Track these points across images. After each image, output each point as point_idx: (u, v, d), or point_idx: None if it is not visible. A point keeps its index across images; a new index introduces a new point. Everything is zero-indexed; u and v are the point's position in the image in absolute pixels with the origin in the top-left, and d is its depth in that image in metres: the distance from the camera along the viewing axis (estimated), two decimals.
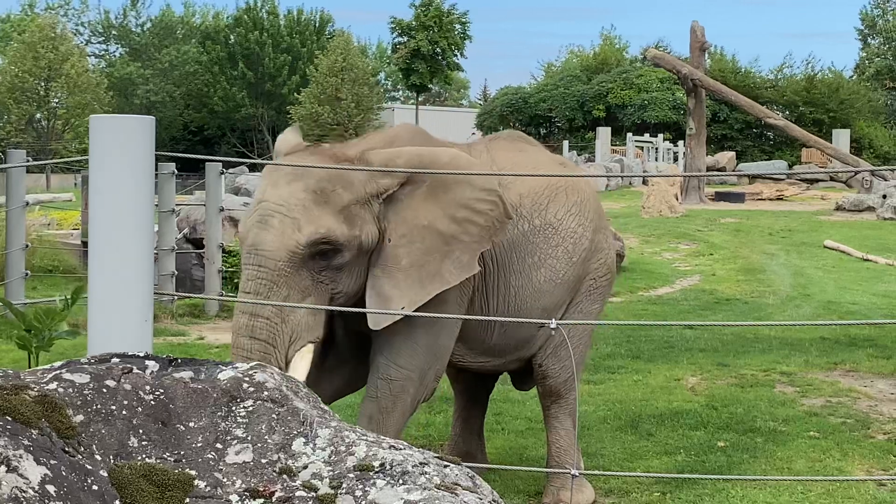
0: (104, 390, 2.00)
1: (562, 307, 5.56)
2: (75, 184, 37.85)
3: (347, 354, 5.18)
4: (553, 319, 4.80)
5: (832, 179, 37.73)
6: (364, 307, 4.69)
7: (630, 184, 36.36)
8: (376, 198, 4.66)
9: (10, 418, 1.84)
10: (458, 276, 4.80)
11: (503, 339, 5.40)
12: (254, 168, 28.43)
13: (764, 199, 32.60)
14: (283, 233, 4.46)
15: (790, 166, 45.97)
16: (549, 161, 5.80)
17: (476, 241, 4.83)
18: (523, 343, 5.53)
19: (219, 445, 1.98)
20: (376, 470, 1.96)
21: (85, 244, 13.49)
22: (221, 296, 11.48)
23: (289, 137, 5.04)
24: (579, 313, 5.71)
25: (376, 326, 4.71)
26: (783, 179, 37.78)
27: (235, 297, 4.79)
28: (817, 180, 37.74)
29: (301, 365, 4.47)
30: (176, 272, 11.77)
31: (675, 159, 45.81)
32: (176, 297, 11.55)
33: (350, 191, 4.58)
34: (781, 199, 33.06)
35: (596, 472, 5.98)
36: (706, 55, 34.94)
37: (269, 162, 5.03)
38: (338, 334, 5.21)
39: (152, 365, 2.10)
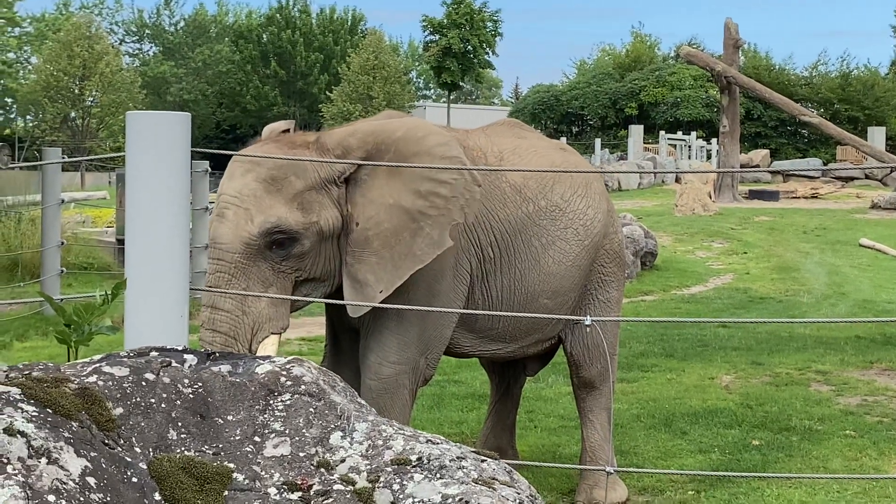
0: (143, 383, 2.00)
1: (574, 290, 5.47)
2: (109, 182, 38.10)
3: (348, 356, 5.14)
4: (588, 316, 4.79)
5: (867, 177, 37.43)
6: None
7: (663, 182, 36.22)
8: (334, 181, 4.55)
9: (50, 410, 1.85)
10: (430, 253, 4.61)
11: (512, 323, 5.29)
12: None
13: (798, 198, 32.38)
14: (237, 224, 4.39)
15: (825, 164, 45.66)
16: (548, 146, 5.68)
17: (444, 214, 4.63)
18: (535, 326, 5.42)
19: (257, 439, 1.98)
20: (413, 464, 1.96)
21: (119, 241, 13.57)
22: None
23: (274, 127, 4.97)
24: (597, 301, 5.64)
25: (355, 314, 4.64)
26: (818, 177, 37.54)
27: (267, 293, 4.76)
28: (852, 178, 37.47)
29: None
30: None
31: (709, 157, 45.58)
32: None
33: (303, 178, 4.47)
34: (816, 197, 32.83)
35: (630, 469, 5.96)
36: (740, 52, 34.75)
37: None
38: (340, 337, 5.17)
39: (190, 359, 2.11)
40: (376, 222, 4.58)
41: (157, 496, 1.84)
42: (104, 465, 1.82)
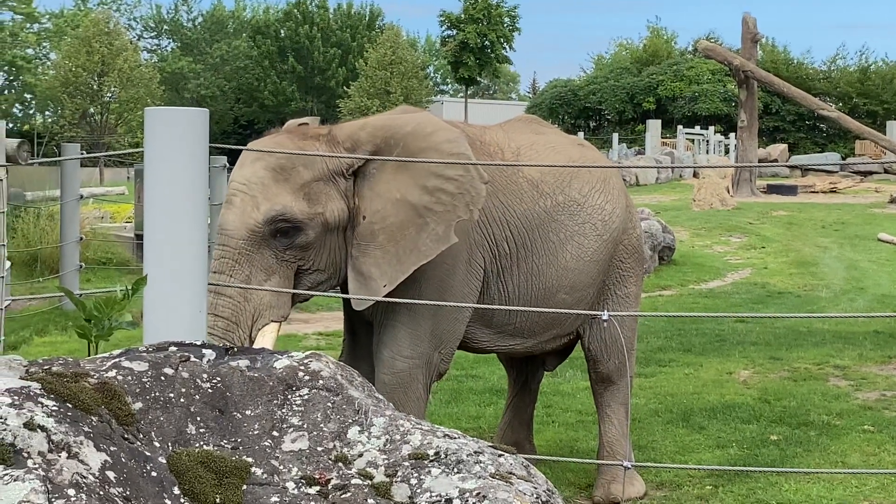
0: (162, 378, 2.02)
1: (592, 286, 5.46)
2: (128, 177, 38.23)
3: (365, 351, 5.16)
4: (605, 311, 4.79)
5: (886, 171, 37.25)
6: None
7: (681, 176, 36.13)
8: (342, 174, 4.60)
9: (70, 405, 1.86)
10: (435, 249, 4.63)
11: (530, 318, 5.28)
12: None
13: (817, 192, 32.24)
14: (243, 211, 4.46)
15: (843, 158, 45.46)
16: (566, 142, 5.68)
17: (450, 211, 4.64)
18: (554, 321, 5.42)
19: (275, 433, 1.99)
20: (431, 458, 1.96)
21: (138, 237, 13.62)
22: None
23: (295, 122, 5.03)
24: (615, 297, 5.64)
25: (358, 307, 4.70)
26: (836, 172, 37.37)
27: (286, 288, 4.82)
28: (871, 172, 37.28)
29: (263, 343, 4.42)
30: None
31: (727, 152, 45.42)
32: None
33: (311, 168, 4.54)
34: (834, 191, 32.69)
35: (648, 464, 5.95)
36: (758, 47, 34.61)
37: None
38: (357, 330, 5.21)
39: (209, 353, 2.12)
40: (382, 216, 4.62)
41: (177, 490, 1.85)
42: (124, 460, 1.83)
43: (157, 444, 1.92)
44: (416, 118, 4.83)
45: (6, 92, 58.17)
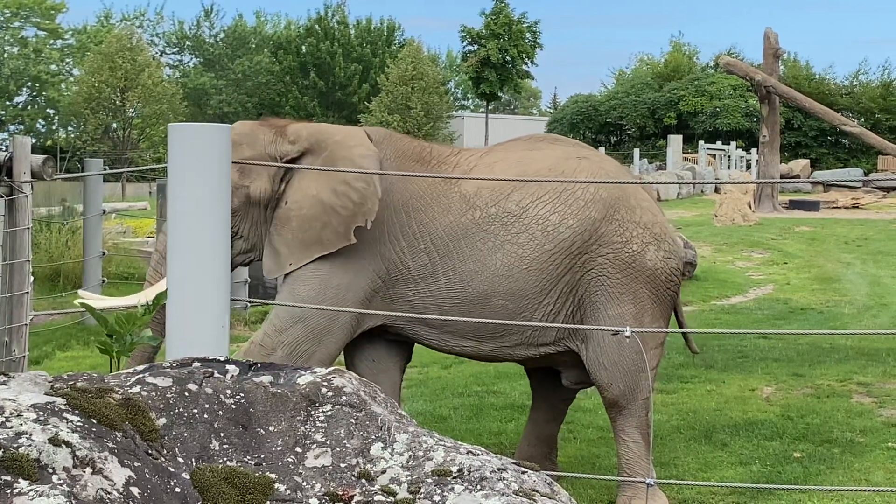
0: (186, 394, 2.02)
1: (542, 295, 5.42)
2: (150, 192, 38.37)
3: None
4: (627, 328, 4.76)
5: None
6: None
7: (702, 192, 36.06)
8: (276, 160, 5.35)
9: (94, 421, 1.86)
10: (335, 244, 5.27)
11: (472, 322, 5.37)
12: None
13: (839, 208, 32.13)
14: None
15: (866, 174, 45.27)
16: (547, 156, 5.59)
17: (350, 215, 5.26)
18: (503, 328, 5.45)
19: (298, 449, 1.99)
20: (454, 475, 1.96)
21: None
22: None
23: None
24: (606, 317, 5.42)
25: (269, 274, 5.43)
26: (859, 188, 37.24)
27: (308, 305, 5.23)
28: (894, 188, 37.12)
29: (152, 291, 4.99)
30: (249, 279, 11.87)
31: (748, 167, 45.31)
32: (249, 304, 11.65)
33: (253, 148, 5.36)
34: (857, 207, 32.57)
35: (670, 481, 5.92)
36: (780, 62, 34.54)
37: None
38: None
39: (232, 369, 2.12)
40: (300, 206, 5.32)
41: None
42: (148, 475, 1.83)
43: (180, 460, 1.92)
44: (346, 130, 5.57)
45: (30, 107, 58.53)
